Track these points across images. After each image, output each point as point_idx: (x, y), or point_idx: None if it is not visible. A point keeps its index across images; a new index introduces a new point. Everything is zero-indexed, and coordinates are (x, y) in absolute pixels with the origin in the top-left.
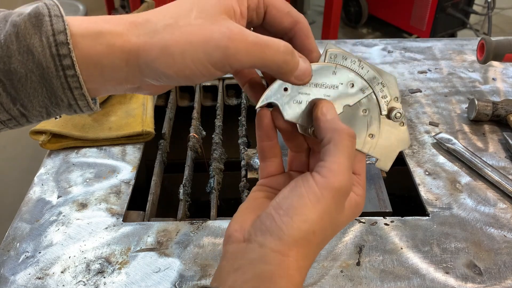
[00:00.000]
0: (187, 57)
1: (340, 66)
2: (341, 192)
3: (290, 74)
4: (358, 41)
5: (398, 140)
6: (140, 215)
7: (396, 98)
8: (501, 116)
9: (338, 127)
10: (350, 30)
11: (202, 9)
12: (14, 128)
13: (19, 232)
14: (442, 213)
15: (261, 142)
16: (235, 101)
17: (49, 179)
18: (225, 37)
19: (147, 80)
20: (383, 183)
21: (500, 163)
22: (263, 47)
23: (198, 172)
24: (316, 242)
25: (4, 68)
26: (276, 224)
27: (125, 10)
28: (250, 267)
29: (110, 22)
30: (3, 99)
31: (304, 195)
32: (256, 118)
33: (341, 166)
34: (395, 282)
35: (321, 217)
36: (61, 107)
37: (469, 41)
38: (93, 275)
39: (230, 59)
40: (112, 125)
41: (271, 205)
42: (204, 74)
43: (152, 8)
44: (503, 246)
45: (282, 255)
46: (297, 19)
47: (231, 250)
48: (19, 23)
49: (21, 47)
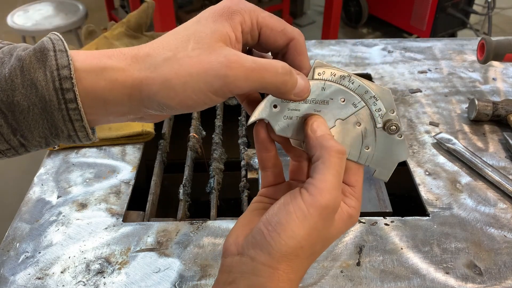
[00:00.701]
0: (188, 88)
1: (329, 82)
2: (328, 210)
3: (289, 93)
4: (358, 41)
5: (397, 152)
6: (140, 215)
7: (392, 111)
8: (501, 116)
9: (327, 144)
10: (350, 30)
11: (198, 40)
12: (12, 157)
13: (19, 232)
14: (442, 213)
15: (260, 153)
16: (235, 101)
17: (49, 179)
18: (223, 66)
19: (150, 111)
20: (383, 183)
21: (500, 163)
22: (261, 71)
23: (198, 172)
24: (305, 256)
25: (8, 101)
26: (265, 240)
27: (125, 10)
28: (243, 279)
29: (113, 58)
30: (4, 130)
31: (291, 212)
32: (253, 131)
33: (328, 184)
34: (395, 282)
35: (309, 234)
36: (61, 137)
37: (469, 41)
38: (93, 275)
39: (230, 86)
40: (112, 125)
41: (262, 221)
42: (206, 103)
43: (152, 8)
44: (503, 246)
45: (272, 269)
46: (291, 36)
47: (227, 263)
48: (24, 57)
49: (25, 81)
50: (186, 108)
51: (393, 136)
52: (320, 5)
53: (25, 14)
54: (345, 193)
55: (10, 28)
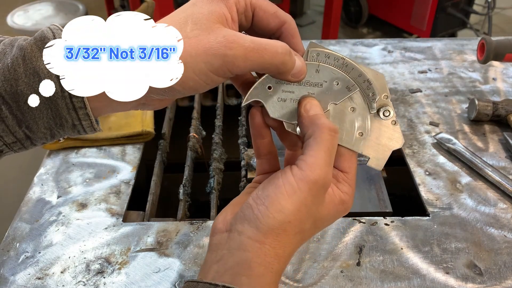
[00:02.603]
0: (189, 68)
1: (323, 64)
2: (317, 184)
3: (288, 73)
4: (358, 41)
5: (391, 139)
6: (140, 215)
7: (386, 96)
8: (502, 116)
9: (319, 122)
10: (350, 30)
11: (196, 21)
12: (19, 151)
13: (19, 232)
14: (442, 213)
15: (255, 140)
16: (235, 101)
17: (49, 179)
18: (222, 46)
19: (152, 96)
20: (383, 183)
21: (501, 163)
22: (260, 51)
23: (198, 172)
24: (293, 232)
25: (11, 91)
26: (253, 213)
27: (125, 10)
28: (230, 256)
29: None
30: (9, 121)
31: (280, 186)
32: (249, 116)
33: (319, 159)
34: (395, 282)
35: (298, 208)
36: (65, 127)
37: (469, 41)
38: (93, 275)
39: (229, 66)
40: (112, 125)
41: (251, 196)
42: (207, 83)
43: (152, 8)
44: (503, 246)
45: (258, 243)
46: (283, 20)
47: (215, 241)
48: (26, 46)
49: (28, 70)
50: (188, 89)
51: (387, 122)
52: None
53: (25, 14)
54: (337, 178)
55: (10, 28)
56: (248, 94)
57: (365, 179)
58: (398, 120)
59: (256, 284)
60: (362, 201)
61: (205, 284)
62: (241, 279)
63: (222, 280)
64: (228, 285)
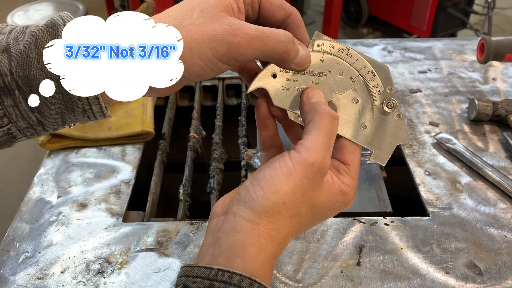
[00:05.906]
0: (195, 54)
1: (327, 54)
2: (314, 167)
3: (291, 61)
4: (358, 41)
5: (395, 133)
6: (140, 215)
7: (390, 88)
8: (501, 116)
9: (319, 108)
10: (350, 30)
11: (202, 9)
12: (31, 137)
13: (19, 232)
14: (442, 213)
15: (260, 132)
16: (235, 101)
17: (49, 179)
18: (227, 33)
19: None
20: (383, 183)
21: (500, 163)
22: (264, 39)
23: (198, 172)
24: (288, 215)
25: (24, 76)
26: (248, 194)
27: (125, 10)
28: (225, 238)
29: None
30: (22, 106)
31: (277, 168)
32: (254, 106)
33: (316, 144)
34: (395, 282)
35: (293, 190)
36: (76, 112)
37: (469, 41)
38: (93, 275)
39: (234, 53)
40: (112, 125)
41: (248, 179)
42: (212, 69)
43: (152, 8)
44: (503, 246)
45: (252, 224)
46: (289, 12)
47: (212, 225)
48: (37, 32)
49: (40, 55)
50: (193, 75)
51: (391, 116)
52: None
53: (25, 14)
54: (339, 170)
55: None
56: (253, 83)
57: (365, 179)
58: (402, 113)
59: (250, 265)
60: (362, 201)
61: (201, 268)
62: (235, 260)
63: (218, 263)
64: (222, 267)
